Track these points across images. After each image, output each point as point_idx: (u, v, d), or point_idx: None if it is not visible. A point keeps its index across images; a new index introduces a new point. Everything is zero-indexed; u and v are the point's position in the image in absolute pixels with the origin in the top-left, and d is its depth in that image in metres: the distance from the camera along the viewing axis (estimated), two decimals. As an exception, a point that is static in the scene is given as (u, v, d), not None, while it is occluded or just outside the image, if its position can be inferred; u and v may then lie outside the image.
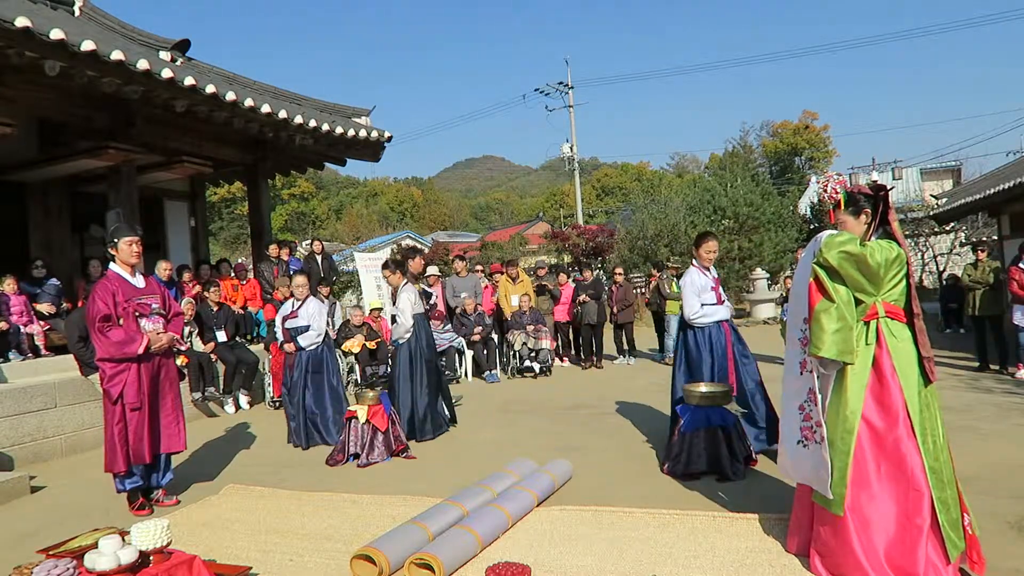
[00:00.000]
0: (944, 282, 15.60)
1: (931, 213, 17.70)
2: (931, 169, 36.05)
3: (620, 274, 11.49)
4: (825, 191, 3.33)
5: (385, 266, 6.94)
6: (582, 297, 10.60)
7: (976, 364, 9.00)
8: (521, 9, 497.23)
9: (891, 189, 3.34)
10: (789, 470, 3.38)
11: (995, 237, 15.00)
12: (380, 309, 10.50)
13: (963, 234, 20.36)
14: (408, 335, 6.59)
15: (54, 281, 8.69)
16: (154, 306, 4.81)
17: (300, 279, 6.92)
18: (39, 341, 7.76)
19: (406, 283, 6.73)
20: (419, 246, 30.24)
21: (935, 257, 20.11)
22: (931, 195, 21.10)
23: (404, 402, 6.45)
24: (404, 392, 6.48)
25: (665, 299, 10.84)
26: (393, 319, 6.74)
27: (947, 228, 19.81)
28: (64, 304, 8.63)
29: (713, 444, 4.71)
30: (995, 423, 5.92)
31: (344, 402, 6.67)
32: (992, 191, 12.01)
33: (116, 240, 4.75)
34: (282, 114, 9.27)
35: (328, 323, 10.39)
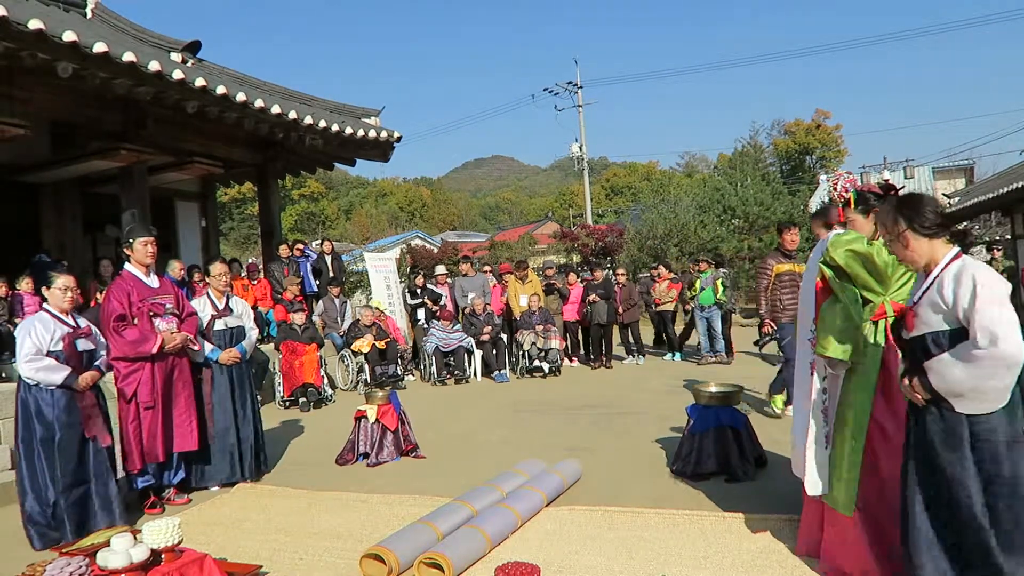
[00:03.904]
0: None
1: (944, 212, 17.55)
2: (943, 168, 35.73)
3: (623, 274, 11.57)
4: (835, 190, 3.32)
5: (224, 260, 5.63)
6: (592, 297, 10.59)
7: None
8: (530, 9, 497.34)
9: (901, 188, 3.33)
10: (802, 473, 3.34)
11: (1008, 236, 14.89)
12: (381, 309, 10.51)
13: (976, 233, 20.21)
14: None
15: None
16: (168, 306, 4.84)
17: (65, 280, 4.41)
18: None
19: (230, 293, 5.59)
20: (428, 245, 30.31)
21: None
22: (944, 194, 20.95)
23: (231, 431, 5.19)
24: (228, 416, 5.21)
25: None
26: (229, 334, 5.33)
27: (960, 227, 19.66)
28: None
29: (723, 444, 4.69)
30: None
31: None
32: (1005, 190, 11.94)
33: (131, 240, 4.79)
34: (292, 115, 9.31)
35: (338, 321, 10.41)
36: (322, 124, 9.88)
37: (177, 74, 7.50)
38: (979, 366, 2.35)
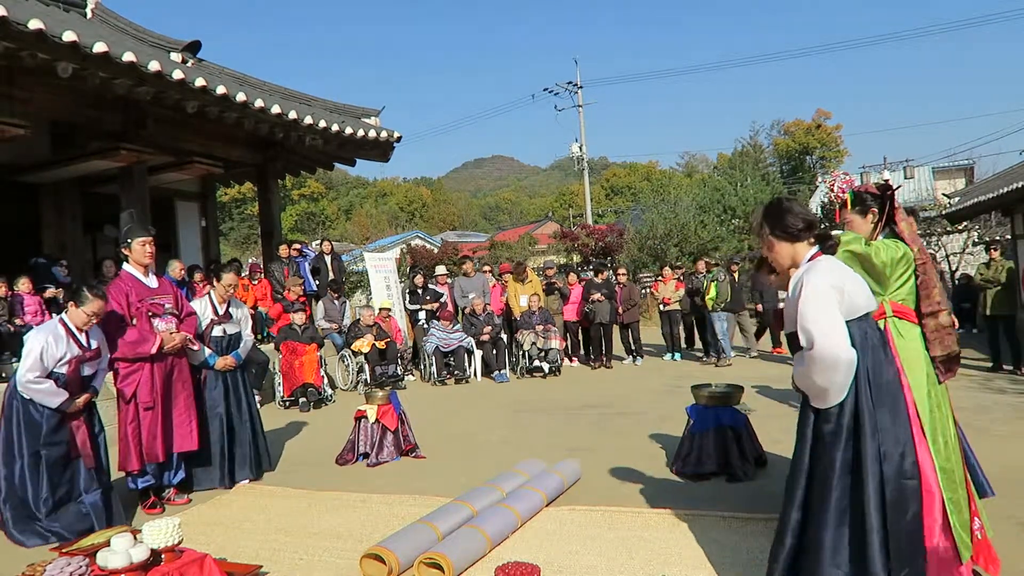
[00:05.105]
0: (957, 281, 15.48)
1: (944, 212, 17.57)
2: (943, 168, 35.71)
3: (623, 274, 11.59)
4: (832, 190, 3.32)
5: (238, 273, 5.55)
6: (596, 296, 10.58)
7: (989, 364, 8.93)
8: (530, 9, 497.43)
9: (898, 188, 3.33)
10: None
11: (1008, 236, 14.88)
12: (389, 309, 10.52)
13: (976, 233, 20.15)
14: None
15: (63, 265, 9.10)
16: (167, 306, 4.83)
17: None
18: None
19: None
20: (428, 245, 30.31)
21: (947, 256, 19.98)
22: (943, 194, 20.95)
23: (223, 435, 5.18)
24: (220, 421, 5.20)
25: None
26: (220, 338, 5.27)
27: (960, 227, 19.63)
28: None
29: (723, 444, 4.69)
30: (1008, 424, 5.87)
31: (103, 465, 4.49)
32: (1005, 190, 11.91)
33: (130, 240, 4.78)
34: (292, 115, 9.32)
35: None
36: (322, 124, 9.88)
37: (177, 74, 7.51)
38: (805, 365, 2.51)
